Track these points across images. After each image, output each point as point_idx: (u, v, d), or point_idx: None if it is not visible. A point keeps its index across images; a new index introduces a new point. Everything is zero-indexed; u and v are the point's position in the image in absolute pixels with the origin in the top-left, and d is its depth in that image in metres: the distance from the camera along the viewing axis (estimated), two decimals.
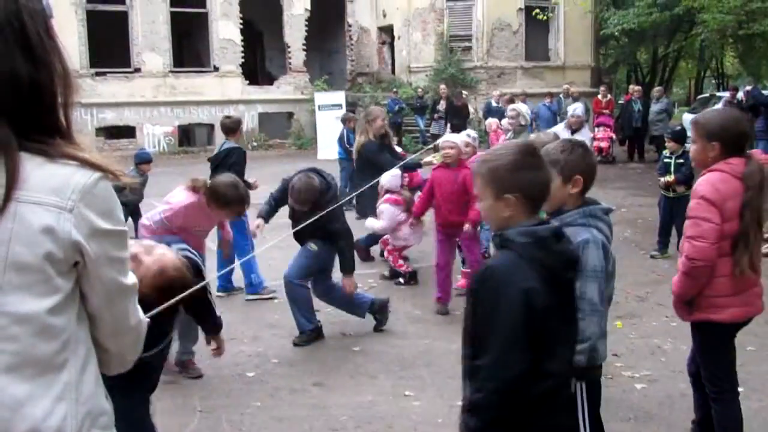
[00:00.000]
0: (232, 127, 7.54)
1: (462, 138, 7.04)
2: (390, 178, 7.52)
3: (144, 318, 1.60)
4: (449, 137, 6.98)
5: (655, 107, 17.30)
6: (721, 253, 3.33)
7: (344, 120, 12.79)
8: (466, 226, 6.34)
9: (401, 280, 7.53)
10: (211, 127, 22.24)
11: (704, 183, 3.39)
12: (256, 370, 5.33)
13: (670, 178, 8.17)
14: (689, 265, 3.36)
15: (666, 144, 8.66)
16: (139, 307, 1.57)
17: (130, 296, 1.52)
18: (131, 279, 1.51)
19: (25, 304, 1.33)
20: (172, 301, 2.51)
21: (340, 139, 12.28)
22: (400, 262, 7.58)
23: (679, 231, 8.19)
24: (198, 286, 3.01)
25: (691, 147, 3.69)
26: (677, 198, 8.05)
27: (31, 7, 1.37)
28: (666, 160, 8.39)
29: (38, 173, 1.33)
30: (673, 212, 8.20)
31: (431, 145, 7.70)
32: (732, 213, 3.32)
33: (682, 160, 8.12)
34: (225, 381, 5.15)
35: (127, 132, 21.93)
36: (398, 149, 9.57)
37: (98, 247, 1.39)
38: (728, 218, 3.31)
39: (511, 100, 16.50)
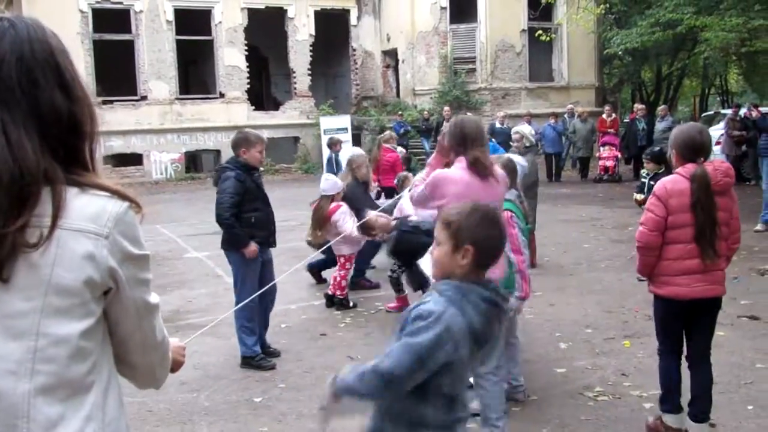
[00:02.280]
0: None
1: None
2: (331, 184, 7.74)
3: (167, 335, 1.67)
4: None
5: (660, 125, 17.31)
6: (666, 240, 4.06)
7: (330, 144, 13.01)
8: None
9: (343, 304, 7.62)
10: (218, 153, 22.37)
11: (660, 182, 4.17)
12: (264, 395, 5.33)
13: (641, 196, 8.05)
14: (637, 246, 4.21)
15: (644, 164, 8.64)
16: (162, 324, 1.64)
17: (155, 314, 1.59)
18: (156, 298, 1.58)
19: (63, 326, 1.38)
20: None
21: (329, 163, 12.45)
22: (346, 290, 7.64)
23: None
24: None
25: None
26: None
27: (62, 48, 1.48)
28: (643, 179, 8.35)
29: (76, 203, 1.40)
30: None
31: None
32: (676, 208, 4.00)
33: (653, 182, 8.11)
34: (233, 406, 5.15)
35: (134, 159, 22.06)
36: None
37: (128, 271, 1.46)
38: (672, 212, 4.01)
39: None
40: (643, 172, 8.53)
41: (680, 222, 4.01)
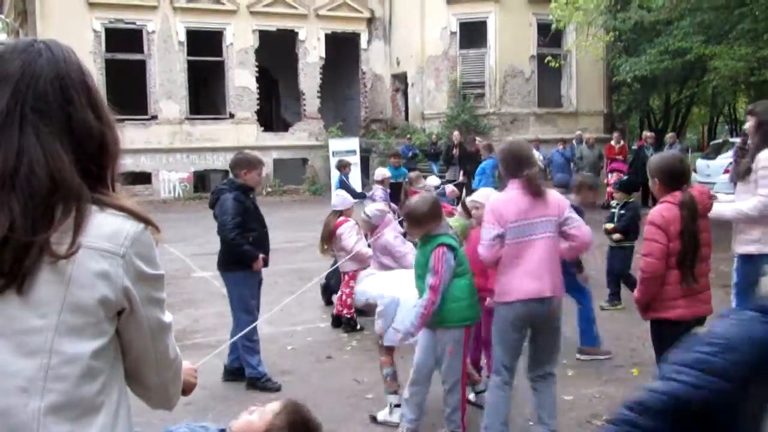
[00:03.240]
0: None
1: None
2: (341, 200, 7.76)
3: (180, 354, 1.67)
4: (475, 197, 6.44)
5: (670, 151, 17.30)
6: (668, 266, 4.12)
7: (340, 166, 13.06)
8: (488, 300, 5.26)
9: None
10: (226, 173, 22.28)
11: (655, 212, 4.22)
12: None
13: (610, 225, 8.12)
14: (643, 277, 4.21)
15: (614, 194, 8.56)
16: (175, 343, 1.64)
17: (168, 333, 1.59)
18: (169, 317, 1.59)
19: (75, 345, 1.38)
20: None
21: (339, 185, 12.46)
22: (353, 309, 7.55)
23: (622, 278, 8.13)
24: None
25: (650, 184, 4.48)
26: (618, 247, 8.12)
27: (89, 73, 1.54)
28: (612, 209, 8.37)
29: (93, 221, 1.41)
30: (613, 261, 8.27)
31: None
32: (674, 235, 4.09)
33: (623, 211, 8.12)
34: None
35: (143, 178, 22.13)
36: None
37: (143, 291, 1.46)
38: (672, 239, 4.09)
39: (490, 148, 16.50)
40: (613, 202, 8.43)
41: (677, 249, 4.12)
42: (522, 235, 4.33)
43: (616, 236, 8.07)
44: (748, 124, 5.69)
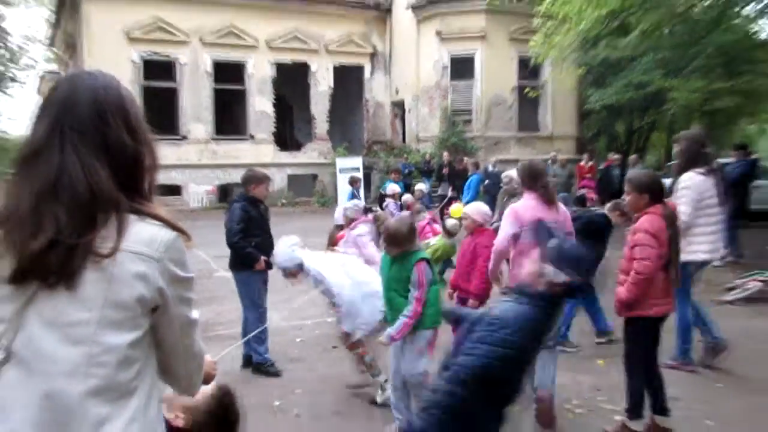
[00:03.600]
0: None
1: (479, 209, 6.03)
2: (340, 215, 7.32)
3: (203, 348, 1.67)
4: (466, 209, 6.24)
5: (631, 172, 17.28)
6: (657, 269, 4.18)
7: (351, 182, 13.17)
8: (471, 301, 5.38)
9: None
10: None
11: (645, 222, 4.20)
12: (282, 399, 5.30)
13: None
14: (639, 278, 4.14)
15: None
16: (200, 338, 1.64)
17: (195, 329, 1.60)
18: (196, 315, 1.59)
19: (115, 336, 1.38)
20: None
21: (350, 198, 12.54)
22: None
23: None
24: None
25: (625, 197, 4.48)
26: None
27: (130, 97, 1.55)
28: None
29: (133, 228, 1.42)
30: None
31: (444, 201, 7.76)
32: (664, 241, 4.14)
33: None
34: (254, 409, 5.10)
35: (174, 190, 22.13)
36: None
37: (175, 291, 1.47)
38: (662, 245, 4.14)
39: (476, 165, 16.52)
40: None
41: (664, 255, 4.19)
42: None
43: None
44: (676, 150, 5.93)
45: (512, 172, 9.44)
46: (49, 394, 1.34)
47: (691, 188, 5.48)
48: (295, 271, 5.33)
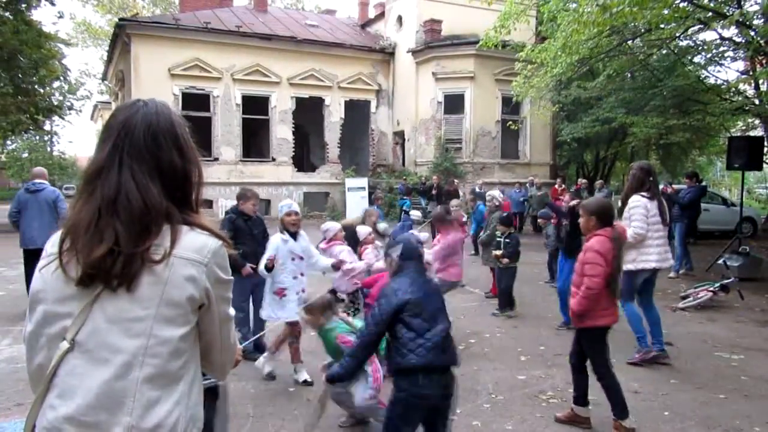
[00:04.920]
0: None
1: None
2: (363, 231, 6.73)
3: (236, 338, 1.65)
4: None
5: (598, 195, 17.26)
6: (605, 285, 4.12)
7: (373, 199, 13.37)
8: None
9: None
10: (268, 202, 22.46)
11: (595, 242, 4.17)
12: (296, 386, 5.24)
13: (499, 252, 7.81)
14: (589, 293, 4.09)
15: (497, 227, 8.13)
16: (234, 330, 1.63)
17: (231, 323, 1.59)
18: (233, 311, 1.58)
19: (168, 330, 1.38)
20: None
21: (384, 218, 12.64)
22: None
23: (504, 294, 7.93)
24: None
25: (581, 220, 4.40)
26: (504, 268, 7.83)
27: (180, 122, 1.54)
28: (498, 239, 8.00)
29: (184, 238, 1.42)
30: (501, 279, 7.96)
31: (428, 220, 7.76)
32: (610, 261, 4.10)
33: (509, 240, 7.86)
34: (272, 393, 5.07)
35: (207, 204, 22.12)
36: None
37: (218, 291, 1.47)
38: (608, 264, 4.09)
39: (481, 196, 16.44)
40: (497, 233, 8.08)
41: (609, 273, 4.14)
42: None
43: (505, 261, 7.76)
44: (627, 176, 6.06)
45: (495, 192, 9.43)
46: (109, 379, 1.34)
47: (639, 206, 5.66)
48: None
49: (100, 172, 1.42)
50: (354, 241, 6.48)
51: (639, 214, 5.66)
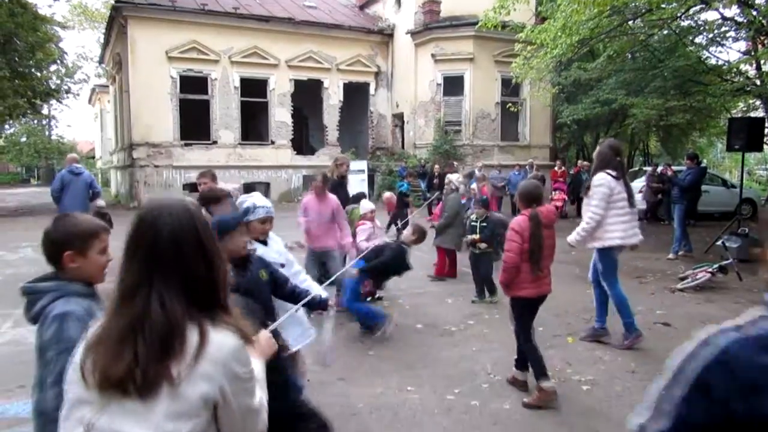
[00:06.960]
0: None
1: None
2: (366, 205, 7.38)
3: (264, 402, 1.61)
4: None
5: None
6: (522, 260, 4.39)
7: (407, 174, 13.71)
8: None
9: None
10: (268, 185, 22.44)
11: (514, 221, 4.49)
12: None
13: (476, 236, 7.59)
14: (505, 266, 4.43)
15: (475, 210, 7.99)
16: (259, 391, 1.58)
17: (257, 415, 1.55)
18: (258, 399, 1.55)
19: (174, 424, 1.38)
20: None
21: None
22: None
23: (483, 281, 7.75)
24: None
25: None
26: (481, 254, 7.60)
27: (204, 224, 1.53)
28: (473, 223, 7.75)
29: (208, 339, 1.43)
30: (478, 265, 7.69)
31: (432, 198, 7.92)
32: (527, 238, 4.39)
33: (485, 224, 7.62)
34: None
35: None
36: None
37: (236, 386, 1.45)
38: (525, 241, 4.39)
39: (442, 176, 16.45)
40: (473, 217, 7.87)
41: (528, 247, 4.41)
42: None
43: (482, 245, 7.56)
44: (594, 154, 6.10)
45: (452, 176, 9.53)
46: None
47: (603, 185, 5.65)
48: None
49: (130, 296, 1.44)
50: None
51: (600, 193, 5.65)
